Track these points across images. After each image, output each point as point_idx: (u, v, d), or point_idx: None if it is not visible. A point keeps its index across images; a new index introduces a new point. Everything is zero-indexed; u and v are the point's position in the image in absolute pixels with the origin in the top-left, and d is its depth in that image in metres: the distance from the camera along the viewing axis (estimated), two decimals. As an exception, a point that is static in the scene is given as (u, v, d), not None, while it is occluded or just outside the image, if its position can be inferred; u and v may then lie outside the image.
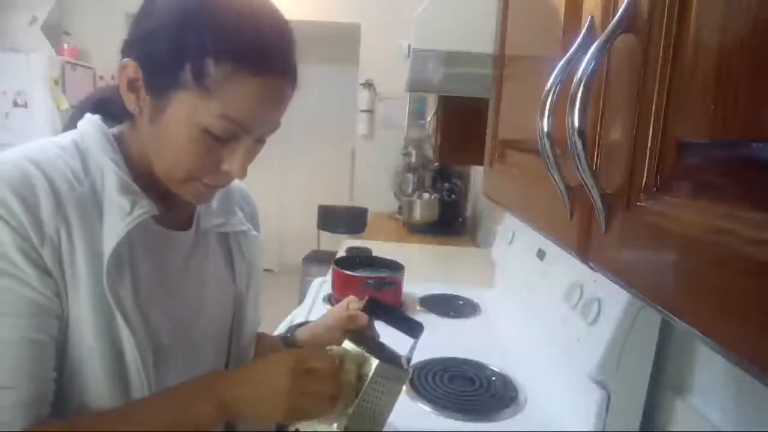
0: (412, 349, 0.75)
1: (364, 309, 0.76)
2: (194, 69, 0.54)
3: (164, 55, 0.56)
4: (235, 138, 0.59)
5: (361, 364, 0.67)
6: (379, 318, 0.77)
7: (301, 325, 0.83)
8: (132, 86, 0.59)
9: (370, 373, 0.66)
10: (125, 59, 0.59)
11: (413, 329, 0.76)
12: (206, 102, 0.55)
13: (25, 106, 3.48)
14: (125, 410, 0.60)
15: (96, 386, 0.59)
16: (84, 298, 0.56)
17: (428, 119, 2.25)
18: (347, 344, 0.69)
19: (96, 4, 3.70)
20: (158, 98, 0.58)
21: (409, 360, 0.73)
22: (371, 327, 0.76)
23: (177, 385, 0.63)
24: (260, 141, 0.63)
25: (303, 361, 0.61)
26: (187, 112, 0.56)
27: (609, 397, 0.83)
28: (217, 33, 0.54)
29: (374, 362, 0.66)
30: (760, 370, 0.22)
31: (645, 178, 0.32)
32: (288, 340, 0.80)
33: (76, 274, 0.56)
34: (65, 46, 3.76)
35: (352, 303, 0.78)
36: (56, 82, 3.49)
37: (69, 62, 3.60)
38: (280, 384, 0.59)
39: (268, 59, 0.56)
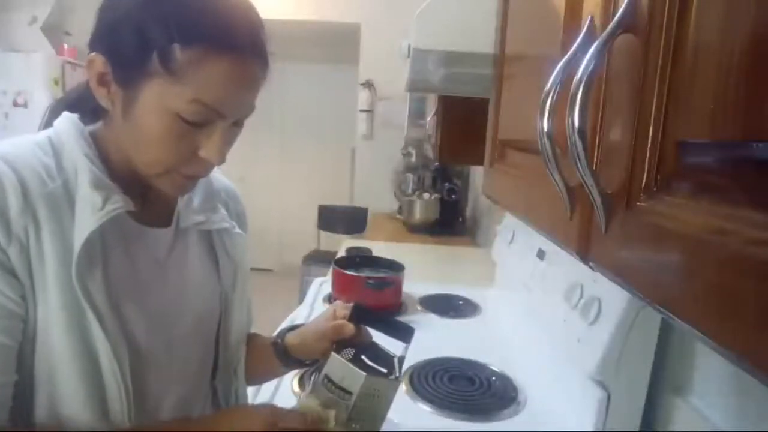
0: (404, 353, 0.74)
1: (351, 317, 0.73)
2: (161, 56, 0.54)
3: (131, 46, 0.55)
4: (210, 123, 0.58)
5: (349, 378, 0.66)
6: (367, 324, 0.74)
7: (292, 328, 0.81)
8: (102, 81, 0.59)
9: (359, 388, 0.65)
10: (92, 54, 0.58)
11: (403, 333, 0.74)
12: (176, 88, 0.55)
13: (25, 106, 3.48)
14: None
15: (69, 390, 0.57)
16: (53, 296, 0.55)
17: (428, 119, 2.25)
18: (334, 356, 0.68)
19: (96, 4, 3.69)
20: (129, 90, 0.57)
21: (401, 362, 0.72)
22: (360, 333, 0.73)
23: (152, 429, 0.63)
24: (237, 125, 0.62)
25: (273, 425, 0.61)
26: (158, 101, 0.56)
27: (609, 397, 0.83)
28: (182, 18, 0.54)
29: (362, 376, 0.65)
30: (760, 370, 0.22)
31: (645, 178, 0.32)
32: (278, 346, 0.78)
33: (45, 273, 0.55)
34: (65, 46, 3.75)
35: (339, 310, 0.76)
36: (56, 82, 3.49)
37: (69, 62, 3.60)
38: None
39: (234, 40, 0.56)
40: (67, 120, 0.64)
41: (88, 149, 0.61)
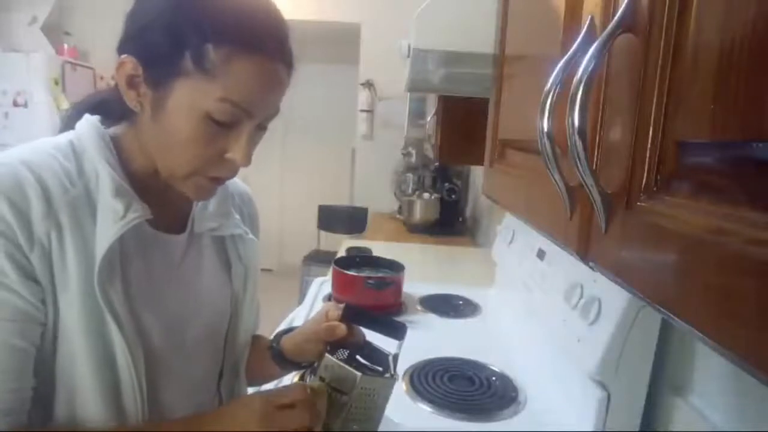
0: (398, 351, 0.74)
1: (343, 317, 0.73)
2: (194, 55, 0.55)
3: (163, 46, 0.56)
4: (238, 123, 0.59)
5: (344, 379, 0.65)
6: (360, 324, 0.74)
7: (288, 331, 0.81)
8: (131, 83, 0.59)
9: (354, 388, 0.64)
10: (123, 56, 0.58)
11: (397, 331, 0.74)
12: (207, 86, 0.55)
13: (25, 105, 3.48)
14: None
15: (86, 393, 0.58)
16: (74, 301, 0.56)
17: (428, 119, 2.25)
18: (327, 358, 0.67)
19: (96, 4, 3.70)
20: (159, 90, 0.58)
21: (396, 360, 0.72)
22: (353, 333, 0.73)
23: (157, 424, 0.63)
24: (261, 128, 0.63)
25: (272, 402, 0.60)
26: (188, 100, 0.56)
27: (609, 397, 0.83)
28: (215, 18, 0.55)
29: (356, 376, 0.64)
30: (760, 370, 0.22)
31: (645, 178, 0.32)
32: (274, 350, 0.79)
33: (66, 278, 0.56)
34: (65, 46, 3.76)
35: (331, 311, 0.75)
36: (56, 82, 3.49)
37: (69, 62, 3.60)
38: (253, 428, 0.58)
39: (265, 41, 0.57)
40: (89, 123, 0.64)
41: (109, 154, 0.62)
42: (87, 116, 0.65)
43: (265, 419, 0.59)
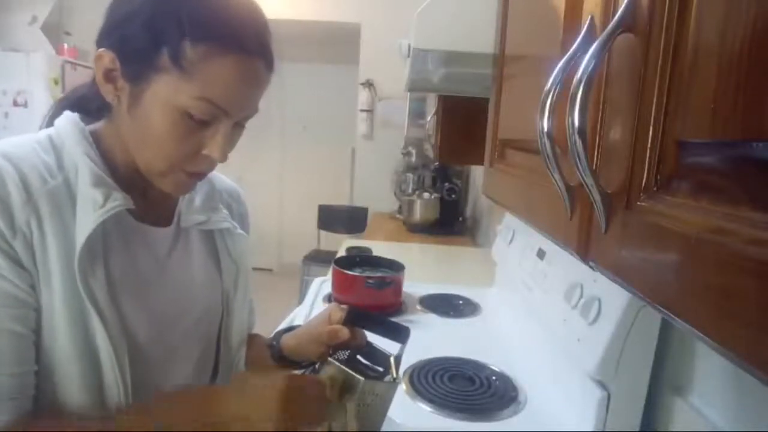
0: (400, 353, 0.73)
1: (346, 320, 0.73)
2: (172, 52, 0.54)
3: (141, 41, 0.56)
4: (214, 120, 0.59)
5: (346, 382, 0.65)
6: (363, 327, 0.74)
7: (288, 330, 0.81)
8: (109, 76, 0.59)
9: (356, 392, 0.64)
10: (100, 49, 0.58)
11: (400, 334, 0.74)
12: (184, 84, 0.55)
13: (25, 105, 3.48)
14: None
15: (68, 384, 0.58)
16: (56, 291, 0.56)
17: (428, 119, 2.25)
18: (330, 362, 0.67)
19: (96, 4, 3.69)
20: (136, 85, 0.58)
21: (398, 362, 0.72)
22: (355, 336, 0.73)
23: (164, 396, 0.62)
24: (239, 126, 0.63)
25: (291, 385, 0.59)
26: (165, 96, 0.56)
27: (609, 397, 0.83)
28: (193, 15, 0.55)
29: (359, 381, 0.64)
30: (760, 370, 0.22)
31: (645, 178, 0.32)
32: (274, 348, 0.79)
33: (48, 268, 0.56)
34: (65, 46, 3.76)
35: (334, 313, 0.75)
36: (56, 82, 3.49)
37: (69, 62, 3.60)
38: (269, 404, 0.57)
39: (244, 40, 0.57)
40: (68, 119, 0.64)
41: (89, 148, 0.62)
42: (66, 112, 0.65)
43: (283, 401, 0.57)
